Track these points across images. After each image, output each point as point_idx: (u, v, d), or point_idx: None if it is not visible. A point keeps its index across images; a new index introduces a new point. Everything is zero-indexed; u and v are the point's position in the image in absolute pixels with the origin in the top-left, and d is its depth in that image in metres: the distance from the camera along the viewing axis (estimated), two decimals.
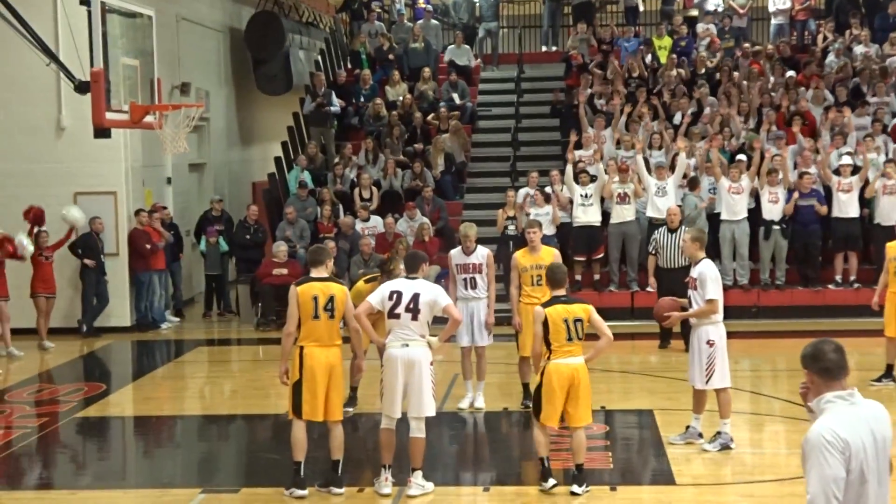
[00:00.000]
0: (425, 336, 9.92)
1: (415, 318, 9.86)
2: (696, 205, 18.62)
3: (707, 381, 10.98)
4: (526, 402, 12.57)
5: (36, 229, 17.86)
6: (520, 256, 12.74)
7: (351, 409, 12.78)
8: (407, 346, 9.83)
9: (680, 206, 18.30)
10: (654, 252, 16.52)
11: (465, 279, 12.81)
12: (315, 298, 9.81)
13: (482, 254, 12.77)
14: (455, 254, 12.88)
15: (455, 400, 13.39)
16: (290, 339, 9.95)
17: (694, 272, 10.99)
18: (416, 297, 9.89)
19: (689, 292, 11.04)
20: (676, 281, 13.89)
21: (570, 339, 9.71)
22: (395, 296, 9.96)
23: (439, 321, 10.06)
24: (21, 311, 17.74)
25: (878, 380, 13.82)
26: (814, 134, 20.36)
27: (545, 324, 9.74)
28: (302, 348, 9.86)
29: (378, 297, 10.03)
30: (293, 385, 9.89)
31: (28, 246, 17.39)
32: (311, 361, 9.79)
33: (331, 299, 9.84)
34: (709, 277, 10.84)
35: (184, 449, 12.77)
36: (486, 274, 12.80)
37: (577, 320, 9.73)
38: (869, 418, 4.98)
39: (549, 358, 9.77)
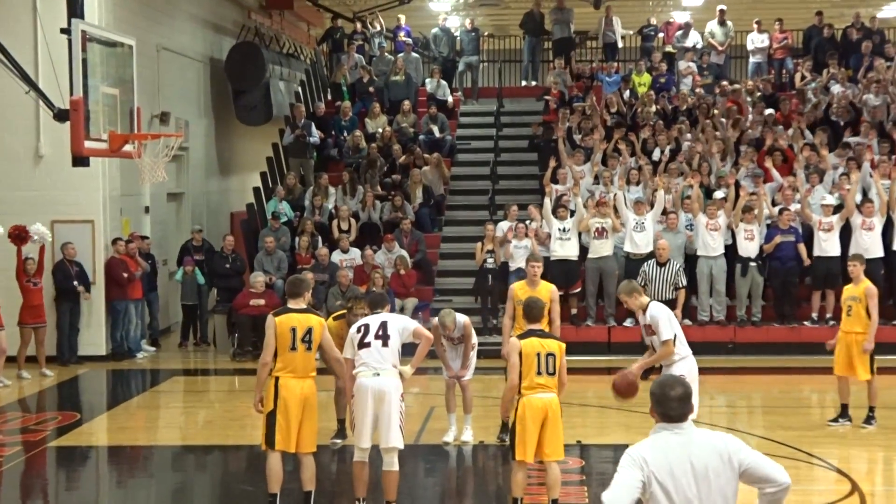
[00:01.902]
0: (397, 366, 9.93)
1: (385, 344, 9.90)
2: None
3: None
4: (502, 437, 12.54)
5: (24, 256, 17.78)
6: (517, 288, 12.75)
7: (339, 441, 12.73)
8: (378, 374, 9.83)
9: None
10: (642, 285, 16.58)
11: (452, 346, 12.86)
12: (293, 330, 9.79)
13: (461, 325, 12.64)
14: (437, 328, 12.80)
15: (431, 433, 13.36)
16: (266, 369, 9.92)
17: (646, 318, 10.89)
18: (384, 325, 9.99)
19: (648, 339, 10.98)
20: None
21: (539, 372, 9.65)
22: (363, 328, 10.04)
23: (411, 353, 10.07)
24: (9, 340, 17.62)
25: (836, 420, 13.78)
26: (791, 171, 20.48)
27: (520, 355, 9.74)
28: (277, 379, 9.82)
29: (348, 345, 10.11)
30: (267, 415, 9.84)
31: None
32: (286, 392, 9.76)
33: (308, 331, 9.83)
34: (660, 319, 10.72)
35: (158, 480, 12.67)
36: (465, 336, 12.76)
37: (549, 354, 9.69)
38: (690, 446, 5.33)
39: (521, 393, 9.77)
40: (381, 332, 9.92)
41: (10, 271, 17.73)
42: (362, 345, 9.93)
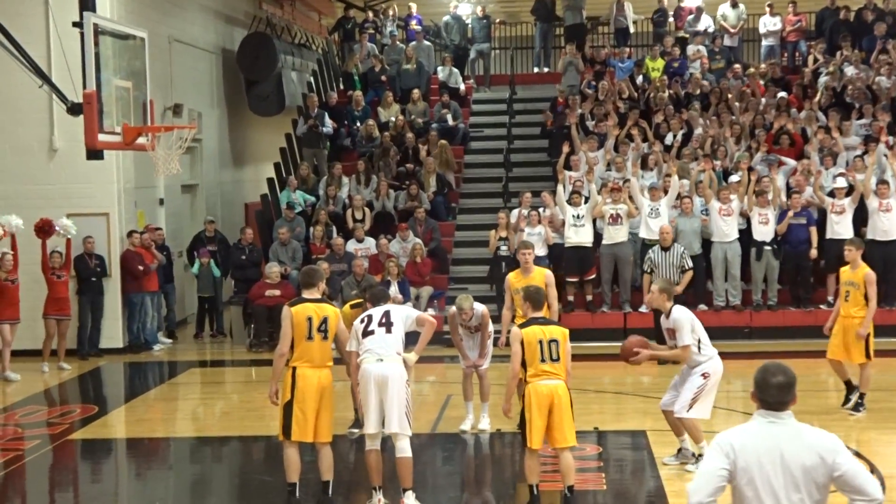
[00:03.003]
0: (401, 353, 9.96)
1: (389, 331, 9.95)
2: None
3: (689, 410, 10.85)
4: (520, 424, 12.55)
5: (49, 250, 17.87)
6: (512, 278, 12.79)
7: (357, 431, 12.74)
8: (381, 360, 9.85)
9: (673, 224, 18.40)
10: (649, 271, 16.67)
11: (469, 335, 12.88)
12: (309, 319, 9.83)
13: (479, 314, 12.70)
14: (454, 315, 12.83)
15: (449, 421, 13.37)
16: (283, 359, 9.94)
17: (668, 322, 10.85)
18: (387, 313, 10.07)
19: (669, 342, 10.95)
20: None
21: (543, 360, 9.70)
22: (366, 318, 10.11)
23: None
24: (34, 333, 17.79)
25: (856, 409, 13.70)
26: (803, 155, 20.44)
27: (521, 344, 9.77)
28: (294, 369, 9.85)
29: (353, 336, 10.14)
30: (284, 406, 9.87)
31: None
32: (303, 382, 9.78)
33: (324, 321, 9.87)
34: (683, 325, 10.69)
35: (176, 471, 12.72)
36: (482, 325, 12.79)
37: (552, 341, 9.74)
38: (785, 437, 5.25)
39: (527, 380, 9.78)
40: (384, 320, 9.98)
41: (33, 265, 17.81)
42: (367, 333, 9.98)
